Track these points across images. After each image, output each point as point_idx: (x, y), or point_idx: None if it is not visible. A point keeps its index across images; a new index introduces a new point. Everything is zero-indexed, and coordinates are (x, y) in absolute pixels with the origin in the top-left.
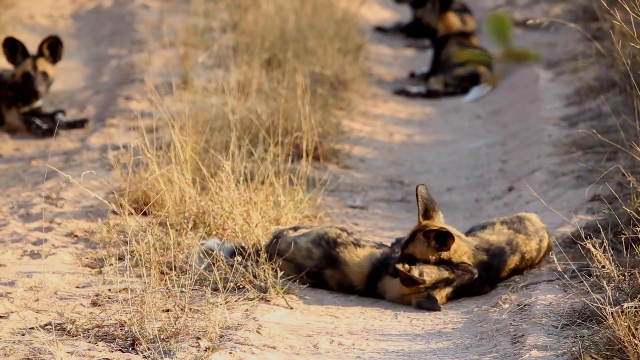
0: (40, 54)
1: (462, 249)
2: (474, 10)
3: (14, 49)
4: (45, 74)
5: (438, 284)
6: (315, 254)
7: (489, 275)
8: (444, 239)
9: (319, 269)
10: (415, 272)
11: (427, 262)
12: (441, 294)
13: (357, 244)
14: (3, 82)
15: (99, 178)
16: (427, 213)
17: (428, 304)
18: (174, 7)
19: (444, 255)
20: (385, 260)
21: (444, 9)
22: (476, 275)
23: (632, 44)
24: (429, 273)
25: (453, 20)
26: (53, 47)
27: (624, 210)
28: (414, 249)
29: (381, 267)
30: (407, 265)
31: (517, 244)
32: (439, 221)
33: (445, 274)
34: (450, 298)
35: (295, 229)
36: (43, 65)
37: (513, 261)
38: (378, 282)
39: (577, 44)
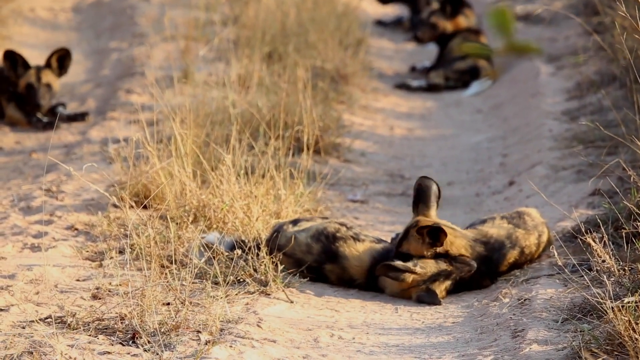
0: (47, 65)
1: (459, 242)
2: (474, 4)
3: (14, 61)
4: (49, 86)
5: (437, 277)
6: (314, 249)
7: (488, 268)
8: (436, 234)
9: (318, 264)
10: (395, 262)
11: (423, 257)
12: (441, 288)
13: (356, 238)
14: (4, 76)
15: (100, 171)
16: (419, 207)
17: (428, 298)
18: (175, 1)
19: (440, 249)
20: (385, 255)
21: (455, 12)
22: (475, 268)
23: (636, 36)
24: (424, 266)
25: (461, 20)
26: (61, 60)
27: (625, 204)
28: (409, 246)
29: (381, 261)
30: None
31: (517, 239)
32: (432, 216)
33: (443, 265)
34: (451, 292)
35: (294, 222)
36: (47, 76)
37: (512, 255)
38: (378, 276)
39: (578, 38)
